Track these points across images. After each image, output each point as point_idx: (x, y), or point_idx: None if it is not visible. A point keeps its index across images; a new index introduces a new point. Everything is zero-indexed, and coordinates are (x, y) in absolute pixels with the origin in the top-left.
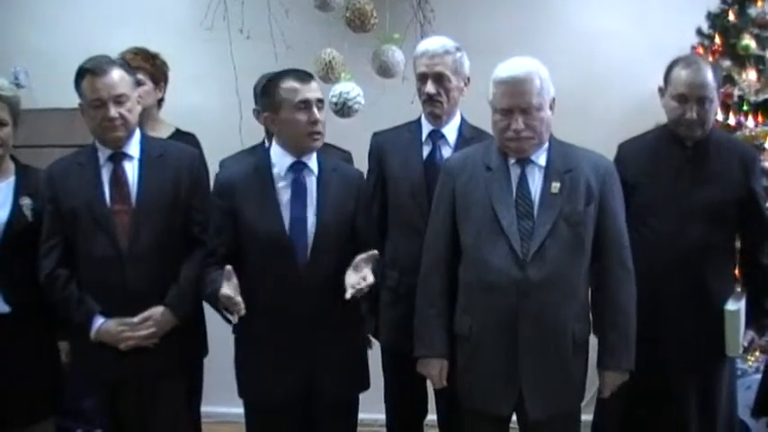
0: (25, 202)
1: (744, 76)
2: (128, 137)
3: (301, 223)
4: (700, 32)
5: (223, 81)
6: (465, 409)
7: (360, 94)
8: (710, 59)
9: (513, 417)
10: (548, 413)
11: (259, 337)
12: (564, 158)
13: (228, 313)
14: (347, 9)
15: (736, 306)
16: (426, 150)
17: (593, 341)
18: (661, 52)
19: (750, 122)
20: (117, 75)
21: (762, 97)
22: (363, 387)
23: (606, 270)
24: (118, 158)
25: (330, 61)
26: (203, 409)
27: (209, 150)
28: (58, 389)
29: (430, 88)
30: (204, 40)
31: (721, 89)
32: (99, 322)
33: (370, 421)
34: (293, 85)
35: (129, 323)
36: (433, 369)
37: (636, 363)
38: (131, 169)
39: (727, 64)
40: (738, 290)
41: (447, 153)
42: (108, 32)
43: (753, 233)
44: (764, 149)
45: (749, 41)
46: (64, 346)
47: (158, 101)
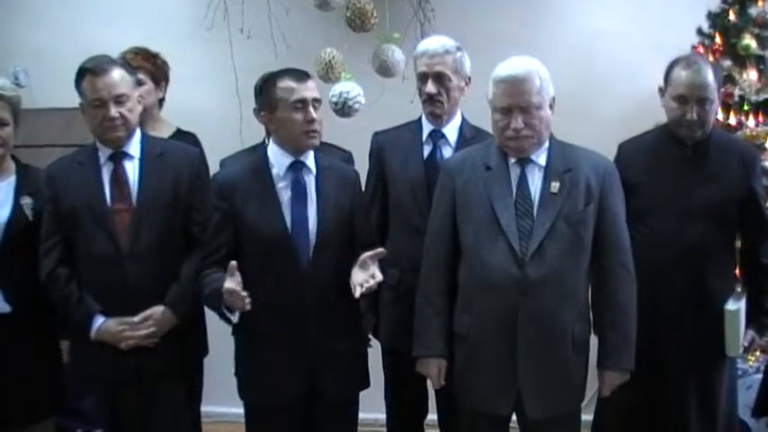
0: (26, 201)
1: (744, 75)
2: (128, 136)
3: (303, 223)
4: (700, 32)
5: (223, 80)
6: (464, 409)
7: (360, 93)
8: (711, 59)
9: (514, 417)
10: (547, 413)
11: (259, 337)
12: (564, 158)
13: (229, 312)
14: (347, 8)
15: (737, 306)
16: (427, 150)
17: (593, 341)
18: (661, 52)
19: (751, 122)
20: (117, 74)
21: (762, 97)
22: (364, 385)
23: (606, 270)
24: (118, 158)
25: (330, 61)
26: (203, 408)
27: (209, 150)
28: (58, 389)
29: (430, 88)
30: (204, 39)
31: (722, 89)
32: (99, 321)
33: (371, 421)
34: (290, 84)
35: (129, 322)
36: (431, 369)
37: (636, 362)
38: (132, 169)
39: (728, 64)
40: (739, 289)
41: (448, 153)
42: (108, 32)
43: (753, 233)
44: (765, 149)
45: (750, 41)
46: (65, 345)
47: (159, 100)
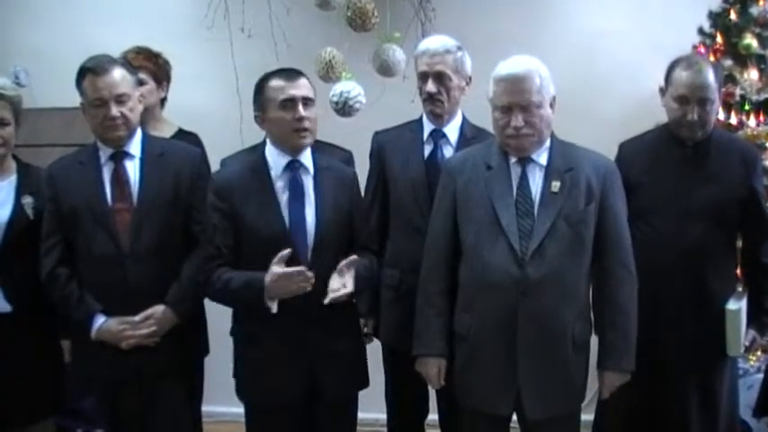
0: (27, 200)
1: (745, 75)
2: (129, 136)
3: (301, 223)
4: (701, 31)
5: (224, 80)
6: (464, 409)
7: (361, 93)
8: (712, 59)
9: (515, 417)
10: (547, 413)
11: (259, 337)
12: (565, 158)
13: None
14: (348, 8)
15: (737, 305)
16: (428, 150)
17: (594, 341)
18: (662, 51)
19: (752, 122)
20: (118, 74)
21: (763, 96)
22: (363, 385)
23: (607, 270)
24: (119, 157)
25: (330, 60)
26: (204, 408)
27: (209, 149)
28: (58, 389)
29: (431, 87)
30: (205, 38)
31: (723, 89)
32: (100, 321)
33: (371, 421)
34: (279, 83)
35: (129, 322)
36: (431, 368)
37: (636, 363)
38: (132, 168)
39: (729, 63)
40: (739, 289)
41: (448, 152)
42: (108, 32)
43: (754, 232)
44: (766, 148)
45: (751, 40)
46: (66, 345)
47: (161, 100)
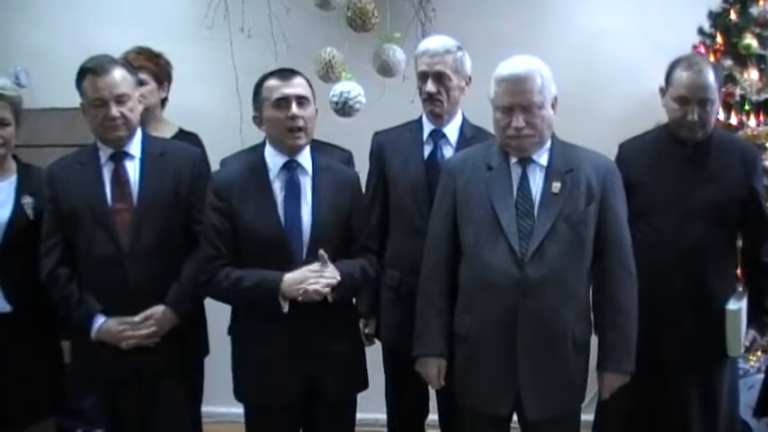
0: (27, 200)
1: (745, 75)
2: (129, 136)
3: (296, 222)
4: (701, 31)
5: (224, 80)
6: (464, 409)
7: (361, 93)
8: (712, 59)
9: (515, 417)
10: (547, 413)
11: (257, 337)
12: (565, 158)
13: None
14: (348, 8)
15: (738, 305)
16: (428, 150)
17: (594, 342)
18: (662, 51)
19: (752, 122)
20: (118, 74)
21: (763, 96)
22: (362, 387)
23: (607, 270)
24: (119, 158)
25: (330, 60)
26: (203, 408)
27: (209, 149)
28: (58, 389)
29: (430, 87)
30: (205, 38)
31: (723, 89)
32: (100, 321)
33: (371, 421)
34: (273, 83)
35: (129, 322)
36: (430, 369)
37: (637, 363)
38: (132, 168)
39: (729, 63)
40: (740, 289)
41: (448, 152)
42: (108, 32)
43: (754, 232)
44: (766, 149)
45: (751, 40)
46: (66, 345)
47: (162, 100)
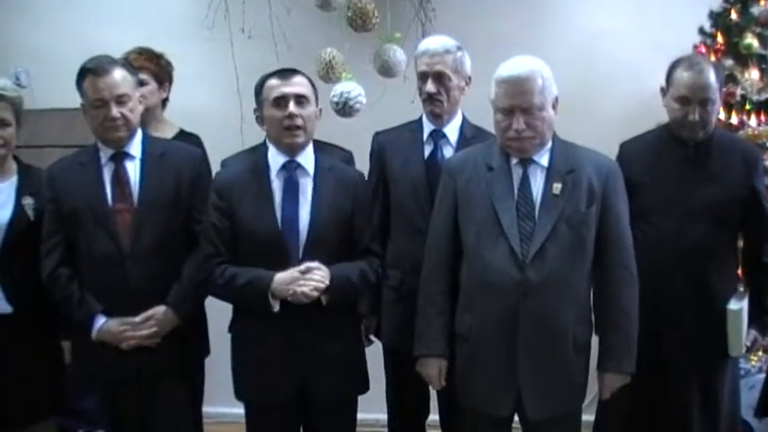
0: (27, 201)
1: (746, 75)
2: (129, 137)
3: (294, 222)
4: (702, 31)
5: (224, 80)
6: (465, 409)
7: (361, 93)
8: (713, 58)
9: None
10: (547, 414)
11: (254, 337)
12: (566, 159)
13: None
14: (348, 8)
15: (739, 305)
16: (428, 150)
17: (595, 342)
18: (663, 51)
19: (753, 121)
20: (119, 74)
21: (764, 96)
22: (361, 389)
23: (608, 271)
24: (119, 158)
25: (331, 61)
26: (204, 409)
27: (210, 149)
28: (58, 389)
29: (430, 87)
30: (205, 39)
31: (723, 88)
32: (100, 322)
33: (372, 421)
34: (273, 82)
35: (130, 322)
36: (431, 369)
37: (638, 363)
38: (133, 169)
39: (730, 63)
40: (741, 289)
41: (448, 153)
42: (108, 32)
43: (755, 232)
44: (767, 148)
45: (752, 40)
46: (66, 346)
47: (163, 101)
